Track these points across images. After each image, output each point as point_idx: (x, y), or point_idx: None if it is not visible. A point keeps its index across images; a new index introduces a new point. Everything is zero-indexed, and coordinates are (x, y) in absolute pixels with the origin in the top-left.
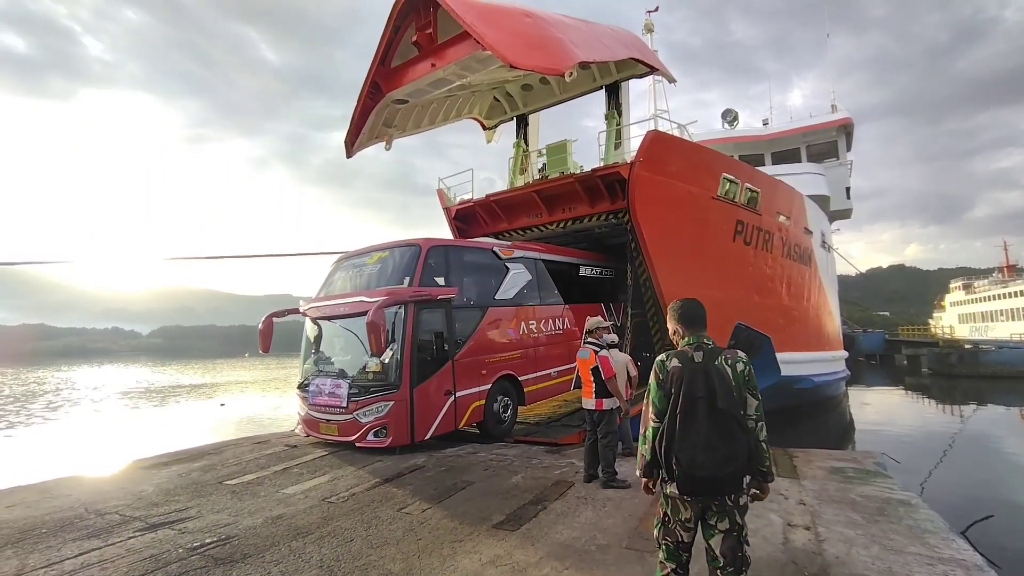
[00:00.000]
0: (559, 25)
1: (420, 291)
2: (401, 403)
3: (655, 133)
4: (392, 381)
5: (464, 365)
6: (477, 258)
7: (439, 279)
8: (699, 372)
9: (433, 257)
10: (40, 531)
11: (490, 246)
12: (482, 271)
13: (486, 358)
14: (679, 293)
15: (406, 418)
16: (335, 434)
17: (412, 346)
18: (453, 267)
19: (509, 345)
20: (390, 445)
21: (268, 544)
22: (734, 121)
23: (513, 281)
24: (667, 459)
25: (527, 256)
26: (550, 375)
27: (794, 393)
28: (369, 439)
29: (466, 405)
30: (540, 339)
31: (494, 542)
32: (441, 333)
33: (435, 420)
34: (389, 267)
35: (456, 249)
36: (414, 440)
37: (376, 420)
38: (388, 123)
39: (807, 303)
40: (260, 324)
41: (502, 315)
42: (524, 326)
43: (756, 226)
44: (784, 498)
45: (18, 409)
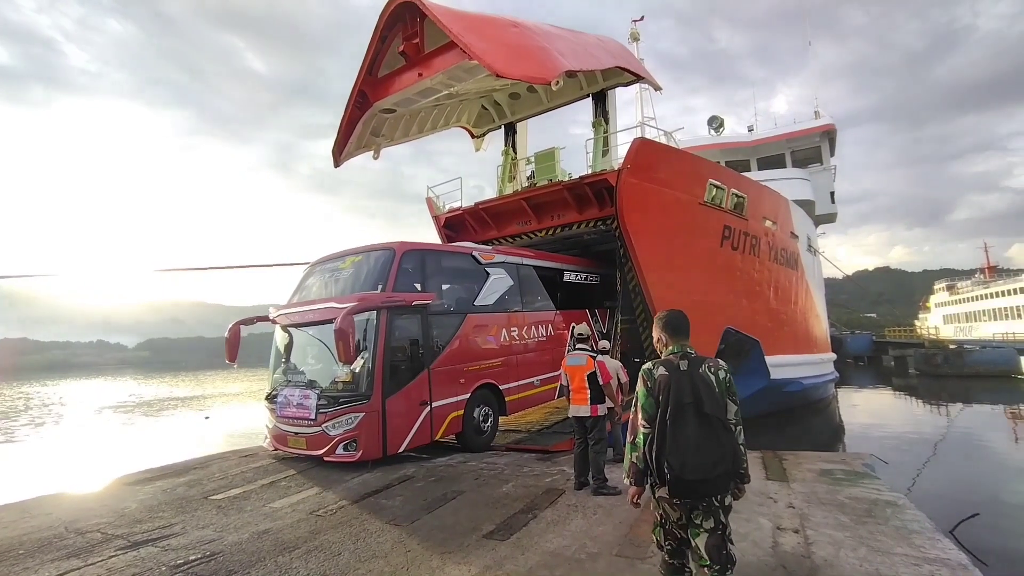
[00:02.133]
0: (545, 35)
1: (393, 297)
2: (372, 414)
3: (642, 140)
4: (362, 391)
5: (441, 374)
6: (455, 263)
7: (415, 284)
8: (685, 379)
9: (408, 261)
10: (17, 552)
11: (469, 250)
12: (461, 276)
13: (465, 366)
14: (668, 298)
15: (377, 430)
16: (303, 448)
17: (384, 354)
18: (430, 272)
19: (489, 353)
20: (360, 459)
21: (254, 560)
22: (720, 128)
23: (493, 287)
24: (658, 464)
25: (508, 261)
26: (533, 384)
27: (784, 396)
28: (338, 453)
29: (443, 415)
30: (522, 346)
31: (484, 552)
32: (416, 340)
33: (409, 432)
34: (362, 272)
35: (433, 253)
36: (386, 454)
37: (345, 433)
38: (376, 132)
39: (794, 306)
40: (227, 332)
41: (482, 322)
42: (506, 333)
43: (743, 231)
44: (774, 501)
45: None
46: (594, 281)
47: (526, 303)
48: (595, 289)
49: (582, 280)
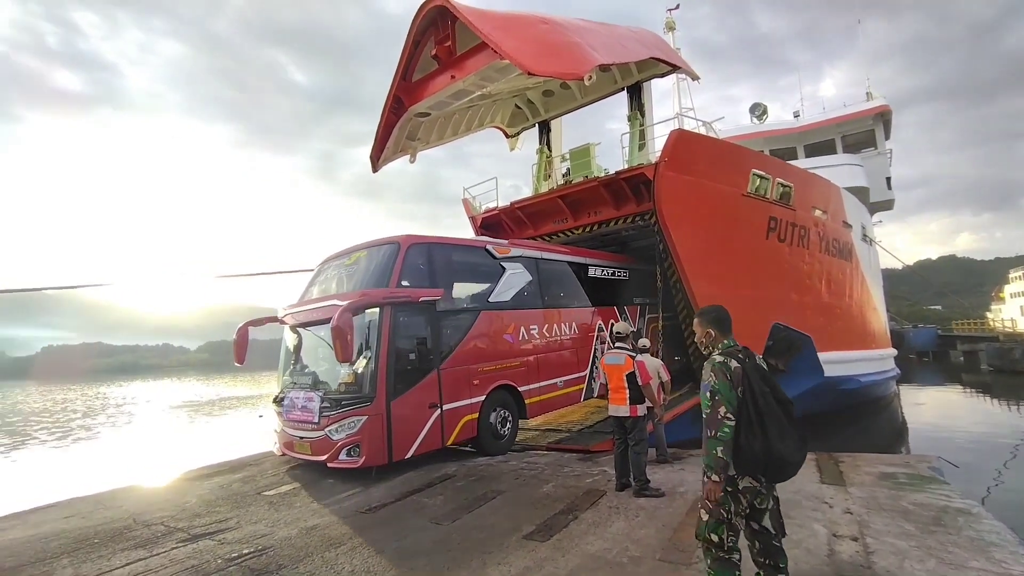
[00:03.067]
0: (577, 29)
1: (397, 292)
2: (375, 418)
3: (679, 132)
4: (365, 393)
5: (452, 375)
6: (467, 256)
7: (422, 279)
8: (755, 369)
9: (415, 256)
10: (93, 541)
11: (483, 244)
12: (473, 271)
13: (479, 367)
14: (711, 293)
15: (381, 435)
16: (308, 452)
17: (388, 354)
18: (439, 266)
19: (506, 352)
20: (363, 465)
21: (302, 555)
22: (763, 115)
23: (510, 282)
24: (750, 453)
25: (526, 255)
26: (556, 385)
27: (839, 394)
28: (341, 459)
29: (455, 419)
30: (544, 346)
31: (524, 553)
32: (424, 339)
33: (417, 437)
34: (367, 267)
35: (441, 247)
36: (392, 460)
37: (348, 437)
38: (412, 136)
39: (849, 300)
40: (235, 334)
41: (497, 319)
42: (524, 331)
43: (790, 222)
44: (829, 506)
45: (83, 424)
46: (622, 276)
47: (547, 299)
48: (624, 285)
49: (609, 275)
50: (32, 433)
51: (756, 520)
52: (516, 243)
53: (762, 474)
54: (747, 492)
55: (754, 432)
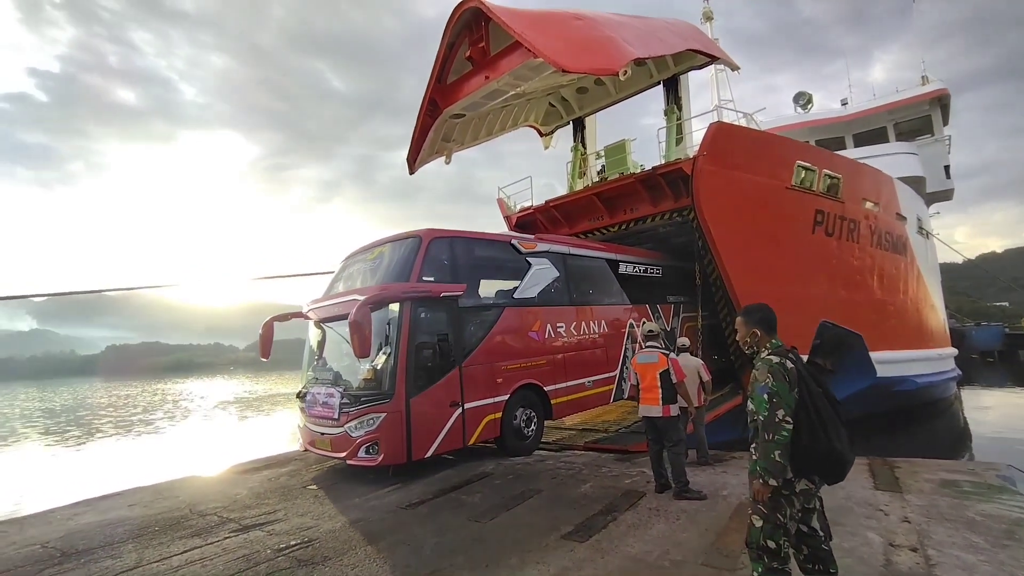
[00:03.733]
0: (611, 24)
1: (417, 287)
2: (394, 415)
3: (719, 125)
4: (384, 390)
5: (474, 372)
6: (491, 251)
7: (445, 274)
8: (805, 370)
9: (436, 250)
10: (153, 529)
11: (508, 238)
12: (498, 266)
13: (503, 365)
14: (754, 291)
15: (400, 432)
16: (328, 449)
17: (408, 350)
18: (461, 261)
19: (531, 350)
20: (381, 464)
21: (346, 548)
22: (808, 104)
23: (536, 278)
24: (812, 453)
25: (553, 250)
26: (584, 385)
27: (893, 396)
28: (360, 456)
29: (478, 418)
30: (571, 344)
31: (563, 553)
32: (445, 335)
33: (438, 435)
34: (388, 262)
35: (464, 241)
36: (411, 458)
37: (367, 434)
38: (447, 138)
39: (904, 296)
40: (260, 328)
41: (522, 316)
42: (551, 329)
43: (839, 215)
44: (884, 514)
45: (144, 419)
46: (655, 274)
47: (575, 296)
48: (657, 283)
49: (641, 272)
50: (99, 426)
51: (805, 522)
52: (543, 238)
53: (822, 475)
54: (802, 495)
55: (817, 434)
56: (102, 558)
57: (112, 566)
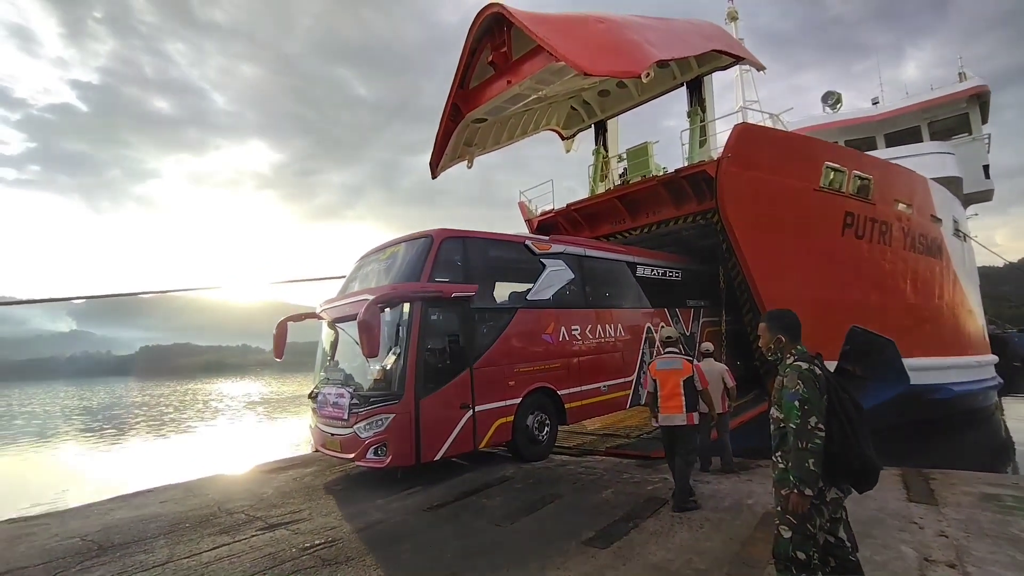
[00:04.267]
0: (634, 27)
1: (428, 287)
2: (403, 416)
3: (743, 126)
4: (393, 391)
5: (486, 375)
6: (504, 252)
7: (457, 275)
8: (832, 376)
9: (448, 250)
10: (184, 525)
11: (521, 239)
12: (511, 267)
13: (515, 367)
14: (780, 295)
15: (409, 434)
16: (338, 450)
17: (418, 351)
18: (474, 262)
19: (545, 353)
20: (389, 465)
21: (368, 549)
22: (836, 104)
23: (550, 279)
24: (846, 461)
25: (568, 251)
26: (600, 390)
27: (929, 404)
28: (368, 457)
29: (488, 421)
30: (586, 347)
31: (583, 559)
32: (456, 336)
33: (447, 438)
34: (399, 262)
35: (477, 241)
36: (420, 461)
37: (375, 436)
38: (469, 142)
39: (939, 301)
40: (275, 329)
41: (535, 318)
42: (565, 332)
43: (869, 217)
44: (918, 527)
45: (176, 418)
46: (674, 277)
47: (591, 299)
48: (676, 286)
49: (659, 275)
50: (133, 424)
51: (832, 532)
52: (558, 239)
53: (853, 484)
54: (831, 504)
55: (848, 441)
56: (136, 552)
57: (145, 560)
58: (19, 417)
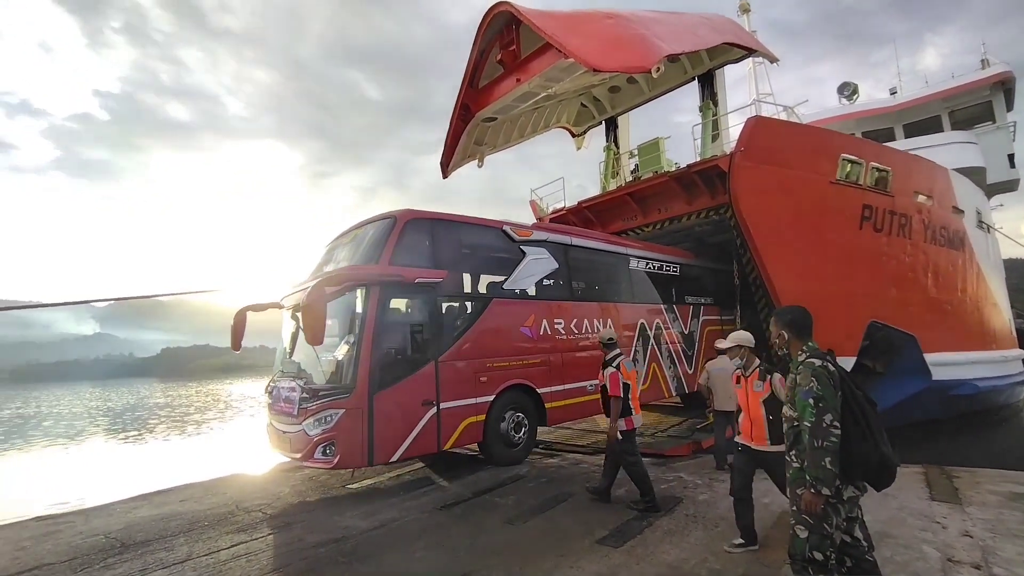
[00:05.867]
0: (643, 21)
1: (387, 271)
2: (353, 412)
3: (757, 119)
4: (344, 384)
5: (453, 369)
6: (479, 237)
7: (423, 260)
8: (846, 373)
9: (414, 233)
10: (203, 523)
11: (499, 224)
12: (487, 254)
13: (488, 362)
14: (796, 291)
15: (360, 432)
16: (288, 449)
17: (373, 340)
18: (443, 246)
19: (523, 348)
20: (336, 466)
21: (384, 546)
22: (853, 95)
23: (531, 268)
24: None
25: (552, 240)
26: (585, 389)
27: (952, 400)
28: (316, 457)
29: (455, 420)
30: (572, 343)
31: (596, 558)
32: (419, 326)
33: (406, 437)
34: (359, 244)
35: (447, 224)
36: (372, 462)
37: (323, 433)
38: (479, 141)
39: (962, 294)
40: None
41: (512, 309)
42: (547, 325)
43: (888, 209)
44: (941, 527)
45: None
46: (672, 272)
47: (577, 291)
48: (675, 281)
49: (655, 269)
50: (155, 425)
51: (848, 532)
52: (541, 226)
53: (871, 481)
54: (848, 502)
55: (866, 437)
56: (157, 550)
57: (166, 558)
58: (48, 418)
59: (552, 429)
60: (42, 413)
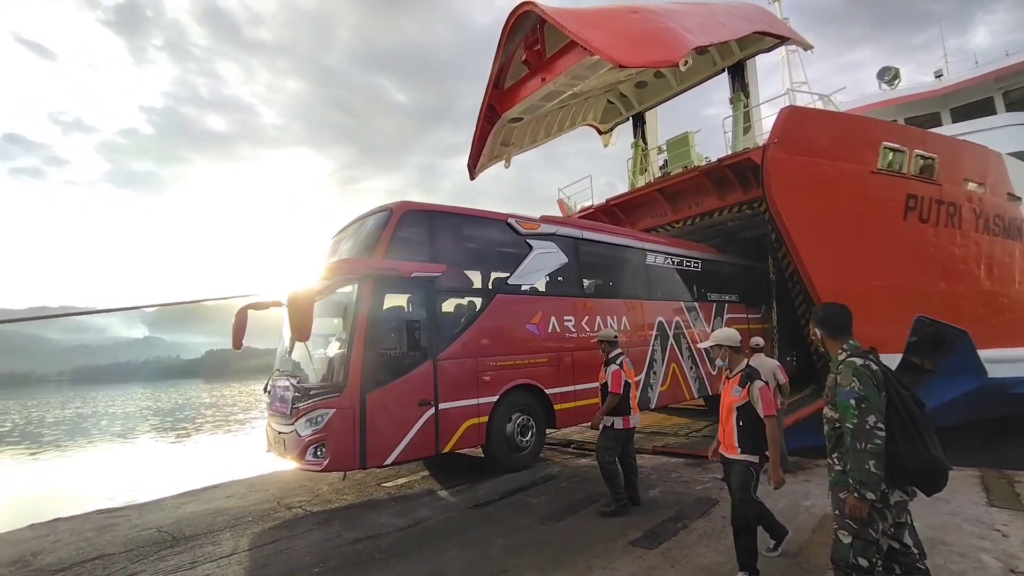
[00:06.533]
0: (670, 14)
1: (382, 265)
2: (345, 412)
3: (791, 109)
4: (335, 383)
5: (453, 367)
6: (481, 231)
7: (421, 254)
8: (890, 372)
9: (410, 225)
10: (247, 519)
11: (504, 217)
12: (490, 248)
13: (492, 360)
14: (835, 286)
15: (351, 433)
16: (283, 450)
17: (366, 336)
18: (443, 240)
19: (530, 346)
20: (326, 469)
21: (419, 544)
22: (894, 80)
23: (538, 263)
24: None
25: (561, 233)
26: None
27: (1011, 399)
28: (307, 459)
29: (455, 421)
30: (582, 342)
31: (631, 559)
32: (416, 322)
33: (401, 439)
34: (355, 238)
35: (447, 217)
36: (365, 464)
37: (314, 434)
38: (506, 142)
39: (1020, 286)
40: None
41: (518, 306)
42: (555, 323)
43: (935, 198)
44: (1002, 535)
45: (240, 419)
46: (693, 267)
47: (588, 287)
48: (695, 277)
49: (674, 265)
50: (202, 423)
51: (897, 538)
52: (550, 219)
53: (920, 486)
54: (895, 507)
55: (913, 440)
56: (205, 544)
57: (213, 552)
58: (104, 417)
59: (583, 429)
60: (99, 412)
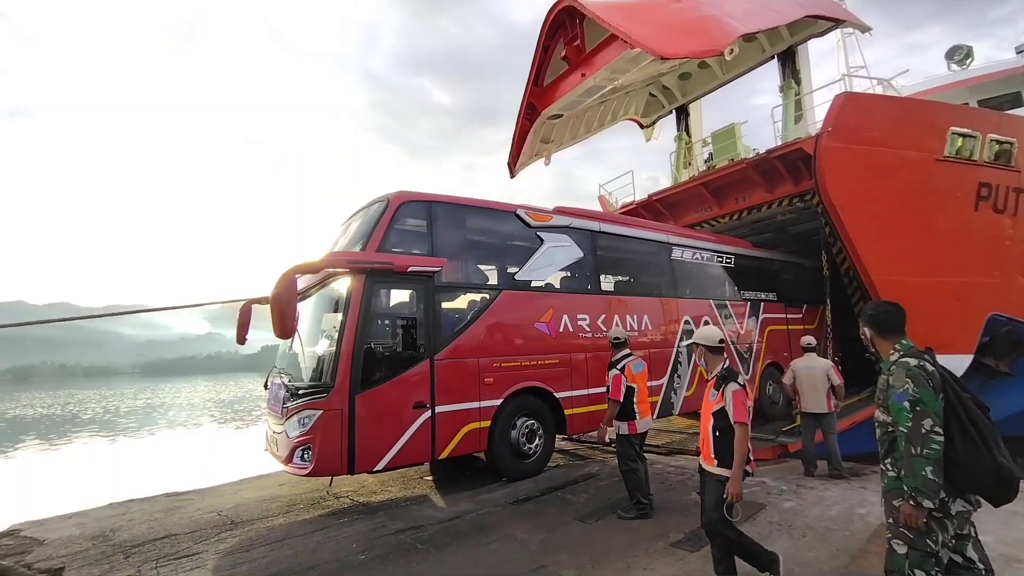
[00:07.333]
0: (714, 2)
1: (374, 258)
2: (332, 415)
3: (846, 95)
4: (323, 382)
5: (452, 368)
6: (487, 222)
7: (420, 247)
8: (948, 373)
9: (408, 216)
10: (299, 506)
11: (512, 208)
12: (495, 241)
13: (495, 361)
14: (897, 283)
15: (338, 436)
16: (276, 450)
17: (357, 334)
18: (444, 232)
19: (538, 346)
20: (311, 473)
21: (458, 537)
22: (966, 59)
23: (550, 257)
24: (974, 469)
25: (575, 225)
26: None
27: None
28: (295, 462)
29: (453, 425)
30: (597, 342)
31: (671, 561)
32: (412, 319)
33: (394, 443)
34: (351, 230)
35: (449, 207)
36: (353, 470)
37: (301, 436)
38: (546, 139)
39: None
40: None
41: (526, 303)
42: (568, 321)
43: (1012, 187)
44: None
45: None
46: (726, 263)
47: (608, 284)
48: (728, 274)
49: (704, 260)
50: (258, 415)
51: (959, 551)
52: (564, 210)
53: (985, 496)
54: (957, 518)
55: (976, 445)
56: (261, 529)
57: (268, 536)
58: (172, 408)
59: None
60: (167, 404)
